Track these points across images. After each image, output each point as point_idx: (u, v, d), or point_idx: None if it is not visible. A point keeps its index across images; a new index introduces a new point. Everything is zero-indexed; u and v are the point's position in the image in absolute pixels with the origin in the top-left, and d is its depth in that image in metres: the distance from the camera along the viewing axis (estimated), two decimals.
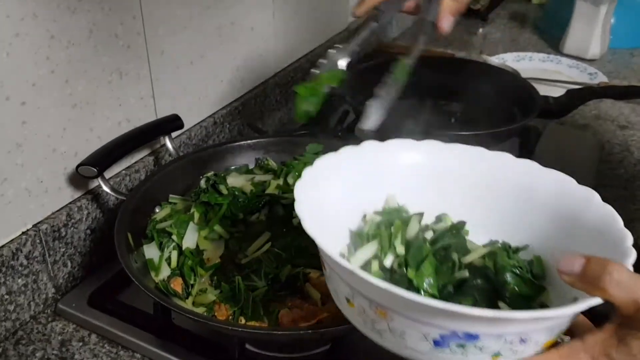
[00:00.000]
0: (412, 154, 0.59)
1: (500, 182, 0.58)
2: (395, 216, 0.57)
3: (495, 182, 0.58)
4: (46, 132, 0.73)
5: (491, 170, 0.58)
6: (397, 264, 0.53)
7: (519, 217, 0.57)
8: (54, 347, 0.72)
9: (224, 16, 0.99)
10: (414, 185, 0.59)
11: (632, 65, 1.50)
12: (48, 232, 0.75)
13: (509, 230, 0.57)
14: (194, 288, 0.70)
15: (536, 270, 0.53)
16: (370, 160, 0.58)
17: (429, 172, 0.59)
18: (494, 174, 0.58)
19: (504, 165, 0.58)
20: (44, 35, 0.70)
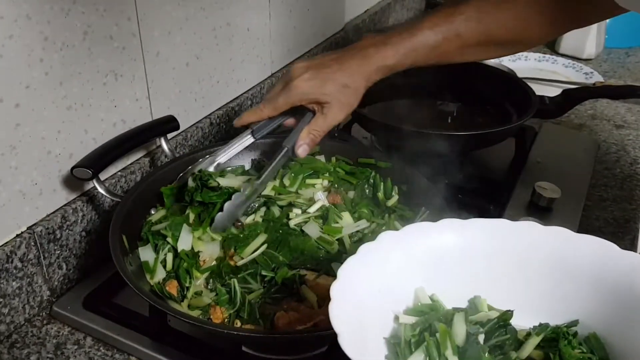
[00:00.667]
0: (431, 237, 0.56)
1: (531, 255, 0.54)
2: (433, 316, 0.53)
3: (525, 256, 0.55)
4: (40, 134, 0.73)
5: (519, 242, 0.55)
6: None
7: (560, 291, 0.53)
8: (49, 350, 0.72)
9: (220, 17, 0.99)
10: (439, 272, 0.56)
11: (628, 65, 1.50)
12: (43, 234, 0.74)
13: (552, 307, 0.53)
14: (190, 291, 0.69)
15: (598, 350, 0.50)
16: (388, 253, 0.55)
17: (453, 253, 0.56)
18: (523, 247, 0.55)
19: (532, 236, 0.55)
20: (38, 37, 0.70)
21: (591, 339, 0.51)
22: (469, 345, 0.50)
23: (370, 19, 1.55)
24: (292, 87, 0.78)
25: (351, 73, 0.78)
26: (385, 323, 0.54)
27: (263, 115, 0.81)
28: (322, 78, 0.77)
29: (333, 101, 0.78)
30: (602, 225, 0.93)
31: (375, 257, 0.54)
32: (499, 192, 0.97)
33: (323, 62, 0.79)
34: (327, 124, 0.79)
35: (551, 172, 1.02)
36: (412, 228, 0.56)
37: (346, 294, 0.49)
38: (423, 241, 0.56)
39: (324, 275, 0.70)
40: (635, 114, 1.25)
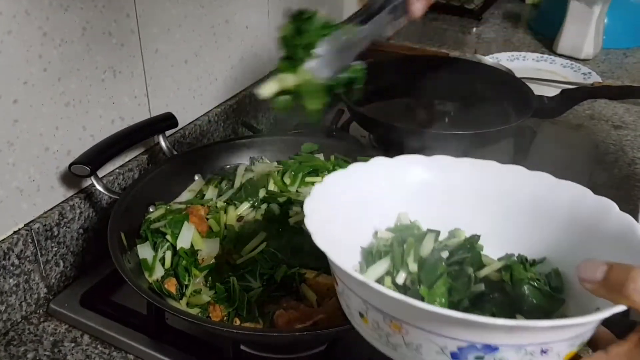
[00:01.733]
0: (422, 169, 0.59)
1: (514, 195, 0.57)
2: (408, 233, 0.56)
3: (508, 196, 0.57)
4: (38, 131, 0.73)
5: (504, 183, 0.58)
6: (410, 280, 0.53)
7: (535, 229, 0.56)
8: (46, 348, 0.71)
9: (219, 15, 0.98)
10: (425, 201, 0.59)
11: (626, 66, 1.50)
12: (40, 231, 0.74)
13: (524, 243, 0.56)
14: (188, 289, 0.69)
15: (554, 282, 0.52)
16: (380, 176, 0.57)
17: (441, 187, 0.59)
18: (507, 187, 0.58)
19: (517, 178, 0.58)
20: (36, 33, 0.69)
21: (552, 273, 0.53)
22: (431, 256, 0.54)
23: None
24: None
25: None
26: (364, 235, 0.57)
27: None
28: None
29: None
30: None
31: (364, 176, 0.56)
32: None
33: None
34: None
35: (549, 172, 1.01)
36: (404, 158, 0.58)
37: (327, 197, 0.52)
38: (414, 171, 0.59)
39: (323, 274, 0.70)
40: (634, 115, 1.25)
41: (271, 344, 0.67)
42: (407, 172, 0.58)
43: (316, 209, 0.50)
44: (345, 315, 0.50)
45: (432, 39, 1.65)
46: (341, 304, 0.50)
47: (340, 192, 0.54)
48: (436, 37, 1.68)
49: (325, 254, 0.45)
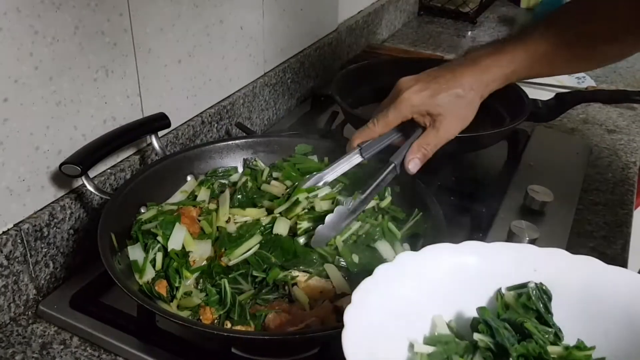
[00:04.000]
0: (452, 259, 0.54)
1: (558, 284, 0.52)
2: (452, 349, 0.50)
3: (552, 284, 0.52)
4: (29, 130, 0.72)
5: (545, 269, 0.53)
6: None
7: (586, 324, 0.51)
8: (34, 350, 0.70)
9: (213, 15, 0.98)
10: (459, 295, 0.53)
11: (620, 70, 1.50)
12: (30, 231, 0.73)
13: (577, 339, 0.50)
14: (179, 291, 0.68)
15: None
16: (406, 275, 0.52)
17: (475, 277, 0.54)
18: (549, 274, 0.52)
19: (559, 263, 0.53)
20: (28, 31, 0.68)
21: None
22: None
23: (364, 20, 1.54)
24: (401, 99, 0.74)
25: (465, 83, 0.73)
26: (399, 351, 0.51)
27: (374, 134, 0.77)
28: (433, 88, 0.73)
29: (446, 113, 0.73)
30: (594, 230, 0.93)
31: (391, 279, 0.51)
32: (491, 195, 0.97)
33: (433, 73, 0.75)
34: (439, 138, 0.75)
35: (544, 175, 1.02)
36: (431, 249, 0.54)
37: (360, 319, 0.47)
38: (443, 263, 0.54)
39: (315, 277, 0.69)
40: (627, 119, 1.26)
41: (262, 347, 0.67)
42: (435, 265, 0.53)
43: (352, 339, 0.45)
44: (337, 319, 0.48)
45: (427, 42, 1.65)
46: None
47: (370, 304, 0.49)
48: (431, 40, 1.68)
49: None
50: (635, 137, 1.19)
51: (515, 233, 0.84)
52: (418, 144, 0.75)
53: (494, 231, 0.89)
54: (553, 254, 0.53)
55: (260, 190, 0.82)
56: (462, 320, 0.54)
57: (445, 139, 0.76)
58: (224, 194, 0.81)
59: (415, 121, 0.76)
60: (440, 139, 0.76)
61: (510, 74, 0.75)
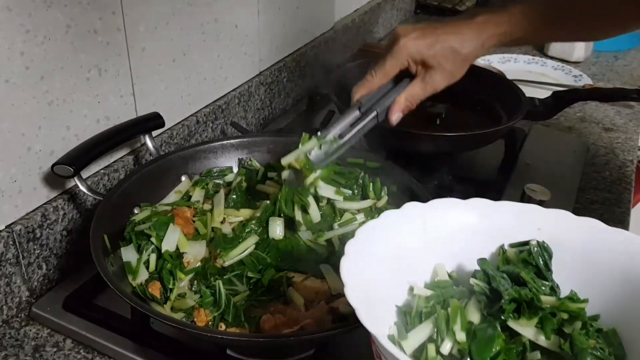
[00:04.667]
0: (458, 214, 0.56)
1: (560, 243, 0.53)
2: (448, 292, 0.52)
3: (554, 243, 0.54)
4: (20, 130, 0.71)
5: (548, 229, 0.54)
6: (457, 350, 0.48)
7: (585, 282, 0.52)
8: (27, 352, 0.70)
9: (207, 13, 0.97)
10: (463, 249, 0.55)
11: (616, 68, 1.50)
12: (22, 233, 0.72)
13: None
14: (173, 292, 0.68)
15: (615, 348, 0.48)
16: (413, 223, 0.54)
17: (479, 233, 0.55)
18: (552, 234, 0.54)
19: (562, 224, 0.54)
20: (19, 30, 0.67)
21: (610, 335, 0.49)
22: (486, 326, 0.49)
23: (360, 19, 1.54)
24: (399, 47, 0.72)
25: (464, 38, 0.72)
26: (399, 292, 0.53)
27: (374, 85, 0.76)
28: (431, 39, 0.72)
29: (438, 65, 0.72)
30: None
31: (397, 225, 0.53)
32: (488, 194, 0.95)
33: (432, 25, 0.74)
34: (425, 91, 0.74)
35: (541, 174, 1.01)
36: (438, 202, 0.55)
37: (361, 252, 0.49)
38: (449, 216, 0.55)
39: (311, 278, 0.68)
40: (624, 117, 1.25)
41: (257, 349, 0.66)
42: (441, 218, 0.55)
43: (352, 271, 0.46)
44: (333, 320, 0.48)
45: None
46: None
47: (373, 245, 0.51)
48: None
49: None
50: (632, 136, 1.19)
51: None
52: (404, 96, 0.75)
53: None
54: (557, 214, 0.55)
55: (256, 190, 0.82)
56: (463, 272, 0.55)
57: (430, 92, 0.75)
58: (218, 194, 0.81)
59: (408, 69, 0.75)
60: (426, 92, 0.75)
61: (504, 33, 0.74)
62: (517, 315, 0.49)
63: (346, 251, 0.48)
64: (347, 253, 0.48)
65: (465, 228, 0.55)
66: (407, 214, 0.54)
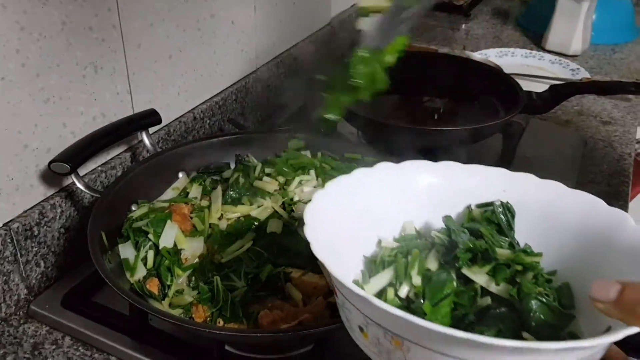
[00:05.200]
0: (429, 175, 0.57)
1: (523, 204, 0.55)
2: (413, 244, 0.54)
3: (517, 204, 0.56)
4: (17, 128, 0.71)
5: (513, 191, 0.56)
6: (414, 293, 0.51)
7: (545, 240, 0.54)
8: (26, 350, 0.70)
9: (204, 9, 0.97)
10: (431, 209, 0.57)
11: (614, 61, 1.50)
12: (20, 231, 0.72)
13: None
14: (171, 289, 0.68)
15: (565, 297, 0.50)
16: (384, 182, 0.56)
17: (447, 194, 0.57)
18: (516, 195, 0.56)
19: (527, 186, 0.56)
20: (14, 27, 0.67)
21: (563, 287, 0.51)
22: (440, 272, 0.52)
23: (357, 14, 1.53)
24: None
25: None
26: (368, 244, 0.55)
27: None
28: None
29: None
30: None
31: (368, 182, 0.55)
32: None
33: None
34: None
35: (538, 167, 1.00)
36: (410, 164, 0.57)
37: (330, 205, 0.50)
38: (419, 177, 0.57)
39: (310, 273, 0.68)
40: (622, 111, 1.25)
41: (256, 345, 0.66)
42: (413, 178, 0.57)
43: (317, 216, 0.48)
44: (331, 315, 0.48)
45: (421, 36, 1.64)
46: (341, 316, 0.48)
47: (343, 199, 0.52)
48: (425, 33, 1.67)
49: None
50: (630, 129, 1.19)
51: None
52: None
53: None
54: (523, 177, 0.56)
55: (253, 186, 0.82)
56: (431, 229, 0.57)
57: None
58: (216, 191, 0.81)
59: None
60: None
61: None
62: (472, 264, 0.52)
63: (313, 200, 0.49)
64: (314, 202, 0.49)
65: (434, 189, 0.57)
66: (378, 173, 0.56)
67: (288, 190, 0.82)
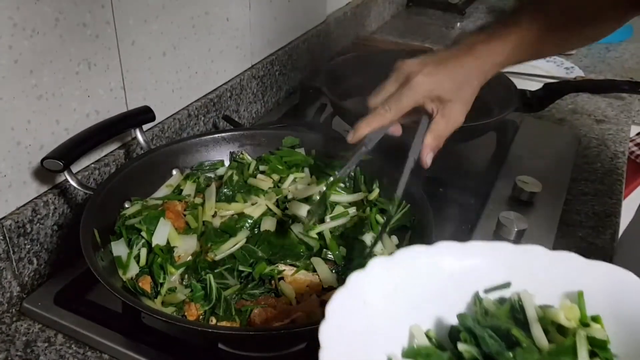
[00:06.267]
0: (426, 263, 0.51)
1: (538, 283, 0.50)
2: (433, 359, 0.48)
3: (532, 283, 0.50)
4: (9, 125, 0.70)
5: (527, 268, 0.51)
6: None
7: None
8: (18, 348, 0.69)
9: (198, 6, 0.96)
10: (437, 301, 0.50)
11: (608, 60, 1.50)
12: (12, 228, 0.72)
13: None
14: (164, 287, 0.68)
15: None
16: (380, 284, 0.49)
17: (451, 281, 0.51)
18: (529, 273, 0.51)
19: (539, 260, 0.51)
20: (6, 23, 0.67)
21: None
22: None
23: (352, 12, 1.53)
24: (415, 83, 0.71)
25: (468, 70, 0.73)
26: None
27: (386, 120, 0.73)
28: (443, 73, 0.72)
29: (455, 99, 0.72)
30: (583, 220, 0.93)
31: (364, 289, 0.48)
32: (480, 186, 0.97)
33: (438, 59, 0.73)
34: (449, 126, 0.73)
35: (532, 166, 1.01)
36: (404, 252, 0.51)
37: (335, 337, 0.45)
38: (417, 267, 0.51)
39: (302, 271, 0.68)
40: (616, 109, 1.26)
41: (248, 343, 0.66)
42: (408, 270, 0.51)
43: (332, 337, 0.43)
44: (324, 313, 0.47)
45: (416, 34, 1.64)
46: None
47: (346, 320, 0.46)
48: (420, 31, 1.67)
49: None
50: (623, 127, 1.19)
51: (504, 224, 0.84)
52: (431, 136, 0.73)
53: (482, 223, 0.88)
54: (531, 251, 0.51)
55: (247, 184, 0.82)
56: (441, 327, 0.51)
57: (454, 127, 0.74)
58: (210, 188, 0.81)
59: (423, 107, 0.73)
60: (451, 128, 0.74)
61: (503, 61, 0.75)
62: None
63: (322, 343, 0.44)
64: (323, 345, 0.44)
65: (434, 278, 0.51)
66: (374, 273, 0.49)
67: (282, 188, 0.82)
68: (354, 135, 0.73)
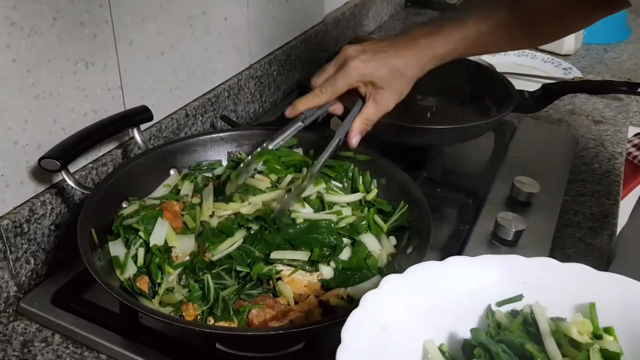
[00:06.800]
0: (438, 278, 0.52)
1: (549, 295, 0.51)
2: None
3: (543, 295, 0.51)
4: (7, 124, 0.70)
5: (538, 280, 0.51)
6: None
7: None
8: (15, 348, 0.69)
9: (196, 5, 0.96)
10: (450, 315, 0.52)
11: (606, 61, 1.51)
12: (9, 227, 0.72)
13: None
14: (161, 287, 0.67)
15: None
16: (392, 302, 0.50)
17: (464, 294, 0.52)
18: (539, 285, 0.51)
19: (548, 272, 0.51)
20: (4, 23, 0.67)
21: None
22: None
23: (350, 12, 1.53)
24: (350, 67, 0.76)
25: (407, 60, 0.77)
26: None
27: (321, 100, 0.79)
28: (379, 61, 0.76)
29: (386, 87, 0.76)
30: (581, 220, 0.93)
31: (378, 308, 0.49)
32: (478, 186, 0.97)
33: (378, 47, 0.78)
34: (379, 111, 0.78)
35: (530, 166, 1.01)
36: (415, 270, 0.52)
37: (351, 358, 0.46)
38: (428, 283, 0.52)
39: (300, 271, 0.68)
40: (613, 110, 1.26)
41: (246, 343, 0.66)
42: (422, 288, 0.51)
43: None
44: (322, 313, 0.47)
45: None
46: None
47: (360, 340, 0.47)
48: None
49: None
50: (621, 128, 1.19)
51: (502, 225, 0.84)
52: (360, 119, 0.78)
53: (480, 223, 0.88)
54: (541, 263, 0.52)
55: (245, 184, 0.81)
56: (454, 341, 0.52)
57: (383, 112, 0.79)
58: (207, 188, 0.80)
59: (357, 90, 0.78)
60: (380, 113, 0.79)
61: (446, 54, 0.79)
62: None
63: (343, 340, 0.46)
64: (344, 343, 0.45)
65: (447, 293, 0.52)
66: (387, 291, 0.50)
67: (280, 188, 0.81)
68: (290, 111, 0.80)
